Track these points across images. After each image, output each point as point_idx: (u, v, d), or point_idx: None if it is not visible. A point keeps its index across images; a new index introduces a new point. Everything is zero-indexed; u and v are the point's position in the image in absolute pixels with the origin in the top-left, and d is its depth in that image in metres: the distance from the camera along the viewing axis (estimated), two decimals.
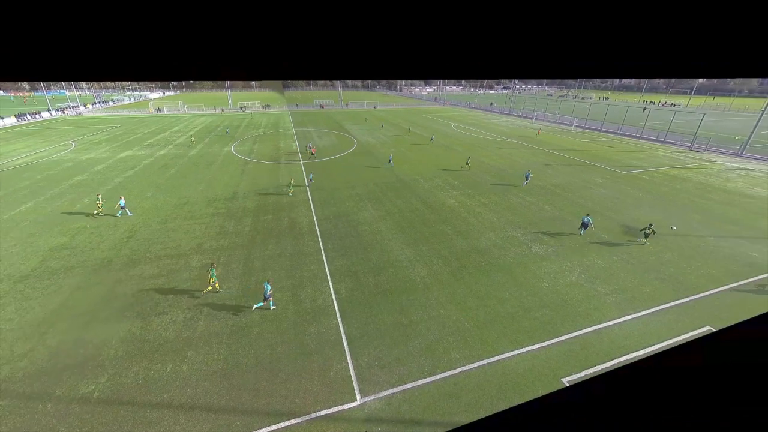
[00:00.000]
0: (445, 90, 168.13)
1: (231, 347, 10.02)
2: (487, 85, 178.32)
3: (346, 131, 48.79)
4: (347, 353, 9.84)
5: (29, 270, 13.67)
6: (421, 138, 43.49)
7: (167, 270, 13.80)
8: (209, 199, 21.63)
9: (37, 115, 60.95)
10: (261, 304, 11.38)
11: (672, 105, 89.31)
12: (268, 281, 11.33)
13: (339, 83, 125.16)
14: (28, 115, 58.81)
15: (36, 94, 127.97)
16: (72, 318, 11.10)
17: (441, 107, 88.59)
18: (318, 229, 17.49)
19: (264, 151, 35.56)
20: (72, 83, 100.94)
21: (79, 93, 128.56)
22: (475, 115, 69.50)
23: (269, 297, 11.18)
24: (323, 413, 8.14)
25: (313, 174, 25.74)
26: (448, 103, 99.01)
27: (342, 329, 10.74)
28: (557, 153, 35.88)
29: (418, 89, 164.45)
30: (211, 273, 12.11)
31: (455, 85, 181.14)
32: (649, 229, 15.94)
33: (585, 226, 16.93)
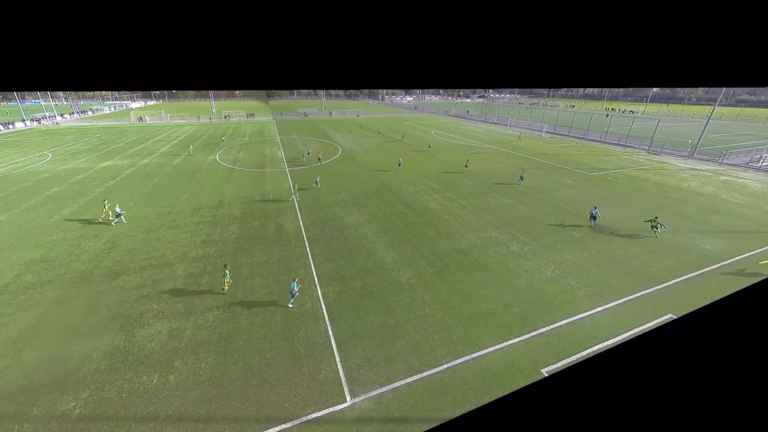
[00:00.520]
0: (425, 99, 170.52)
1: (219, 355, 9.67)
2: (464, 94, 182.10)
3: (330, 139, 48.56)
4: (336, 355, 9.70)
5: (2, 285, 12.75)
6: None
7: (151, 280, 13.22)
8: (194, 208, 20.94)
9: (11, 126, 57.34)
10: (292, 300, 11.93)
11: (631, 112, 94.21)
12: (294, 280, 11.86)
13: (322, 92, 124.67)
14: (0, 126, 55.27)
15: (8, 104, 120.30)
16: (50, 333, 10.42)
17: (421, 115, 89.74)
18: (305, 235, 17.25)
19: (249, 159, 34.84)
20: (48, 93, 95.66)
21: (56, 103, 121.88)
22: (454, 123, 70.81)
23: (296, 294, 11.72)
24: (314, 416, 7.97)
25: (320, 177, 26.39)
26: (427, 112, 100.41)
27: (331, 332, 10.59)
28: (530, 157, 37.02)
29: (398, 98, 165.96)
30: (224, 273, 12.42)
31: (434, 94, 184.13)
32: (655, 221, 17.17)
33: (594, 218, 18.39)
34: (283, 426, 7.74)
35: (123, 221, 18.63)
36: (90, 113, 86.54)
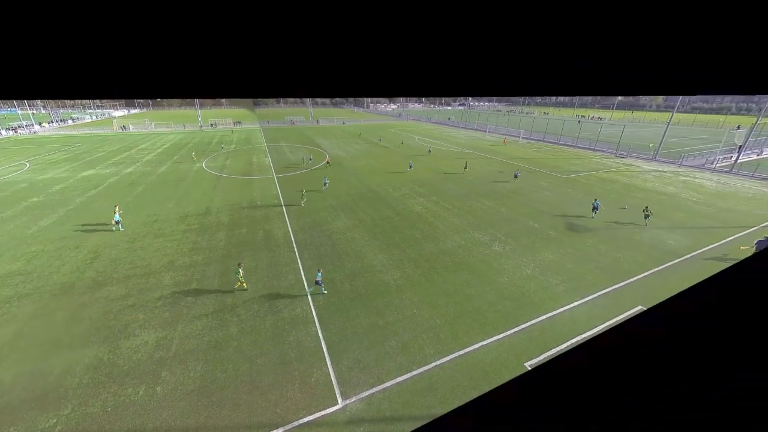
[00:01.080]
0: (408, 106, 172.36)
1: (208, 364, 9.33)
2: (445, 102, 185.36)
3: (317, 146, 48.23)
4: (327, 358, 9.55)
5: None
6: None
7: (137, 290, 12.66)
8: (181, 216, 20.26)
9: None
10: (312, 288, 12.44)
11: (599, 118, 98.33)
12: (319, 270, 12.52)
13: (309, 101, 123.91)
14: None
15: None
16: (28, 348, 9.78)
17: (405, 122, 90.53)
18: (294, 240, 16.98)
19: (236, 167, 34.11)
20: (25, 101, 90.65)
21: (34, 111, 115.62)
22: (436, 129, 71.81)
23: (320, 282, 12.17)
24: (306, 420, 7.79)
25: (327, 179, 26.95)
26: (411, 119, 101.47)
27: (321, 335, 10.43)
28: (508, 161, 37.96)
29: (383, 106, 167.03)
30: (237, 272, 12.45)
31: (417, 102, 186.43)
32: (647, 211, 19.06)
33: (596, 209, 19.92)
34: (275, 431, 7.53)
35: (120, 229, 18.04)
36: (70, 122, 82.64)
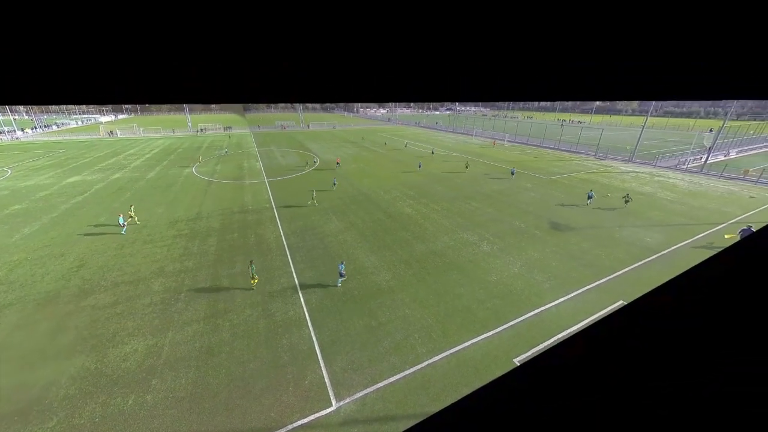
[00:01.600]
0: (397, 111, 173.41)
1: (200, 370, 9.08)
2: (433, 107, 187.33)
3: (307, 150, 47.92)
4: (321, 361, 9.44)
5: None
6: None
7: (125, 297, 12.25)
8: (170, 221, 19.75)
9: None
10: (340, 280, 12.96)
11: (579, 122, 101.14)
12: (341, 262, 13.02)
13: (299, 105, 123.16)
14: None
15: None
16: (11, 360, 9.31)
17: (394, 126, 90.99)
18: (285, 244, 16.77)
19: (227, 172, 33.54)
20: (6, 106, 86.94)
21: (16, 117, 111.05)
22: (425, 133, 72.40)
23: (344, 275, 12.73)
24: (300, 423, 7.66)
25: (336, 179, 28.13)
26: (400, 123, 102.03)
27: (314, 338, 10.30)
28: (493, 164, 38.56)
29: (372, 111, 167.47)
30: (251, 269, 12.64)
31: (405, 107, 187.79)
32: (628, 197, 22.22)
33: (590, 198, 22.70)
34: None
35: (122, 233, 17.90)
36: (54, 127, 79.69)
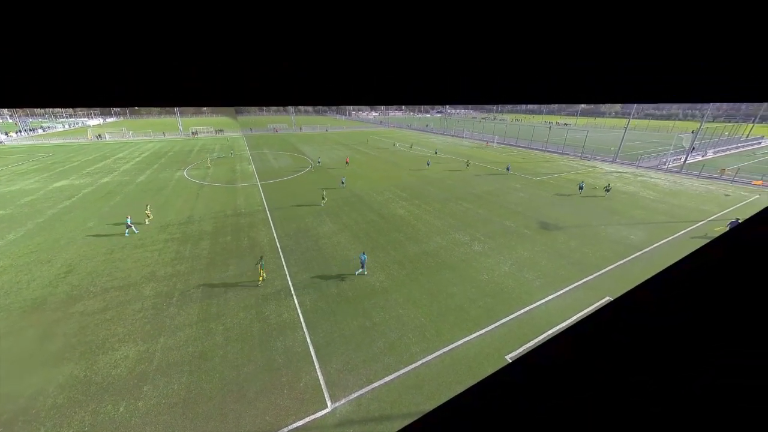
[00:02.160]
0: (389, 114, 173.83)
1: (193, 375, 8.90)
2: (424, 110, 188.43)
3: (301, 153, 47.60)
4: (315, 362, 9.35)
5: None
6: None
7: (115, 303, 11.92)
8: (162, 225, 19.34)
9: None
10: (364, 270, 13.73)
11: (565, 124, 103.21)
12: (363, 252, 13.75)
13: (292, 108, 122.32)
14: None
15: None
16: None
17: (386, 129, 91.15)
18: (279, 246, 16.60)
19: (219, 175, 33.04)
20: None
21: (0, 120, 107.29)
22: (416, 136, 72.74)
23: (364, 264, 13.49)
24: (296, 425, 7.57)
25: (345, 178, 29.47)
26: (391, 126, 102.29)
27: (309, 340, 10.21)
28: (483, 165, 38.98)
29: (364, 113, 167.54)
30: (261, 265, 13.06)
31: (397, 110, 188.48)
32: (608, 187, 26.08)
33: (581, 188, 26.44)
34: None
35: (135, 231, 18.19)
36: (40, 131, 77.16)
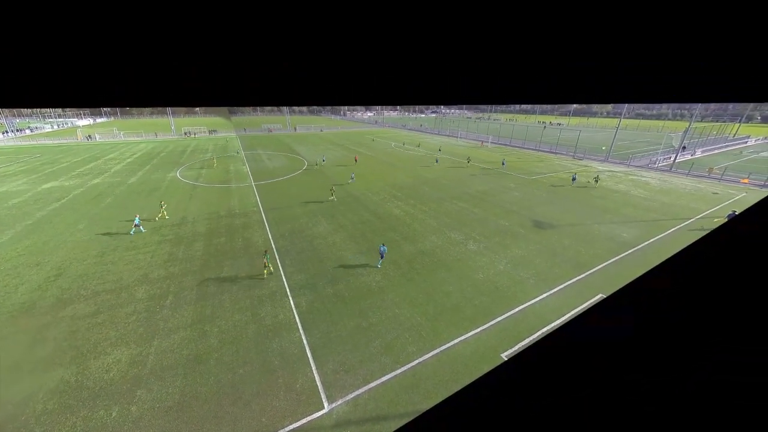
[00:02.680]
0: (384, 114, 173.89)
1: (187, 378, 8.78)
2: (418, 110, 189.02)
3: (296, 153, 47.34)
4: (312, 363, 9.30)
5: None
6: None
7: (107, 306, 11.71)
8: (154, 227, 19.06)
9: None
10: (381, 261, 14.45)
11: (558, 124, 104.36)
12: (383, 244, 14.49)
13: (286, 108, 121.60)
14: None
15: None
16: None
17: (381, 129, 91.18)
18: (274, 247, 16.48)
19: (213, 175, 32.69)
20: None
21: None
22: (411, 136, 72.88)
23: (383, 255, 14.17)
24: (292, 427, 7.52)
25: (354, 174, 30.70)
26: (387, 126, 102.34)
27: (305, 341, 10.15)
28: (478, 165, 39.21)
29: (359, 113, 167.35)
30: (266, 258, 13.41)
31: (392, 110, 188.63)
32: (598, 178, 28.88)
33: (573, 180, 29.45)
34: None
35: (142, 230, 18.29)
36: (28, 131, 75.38)
